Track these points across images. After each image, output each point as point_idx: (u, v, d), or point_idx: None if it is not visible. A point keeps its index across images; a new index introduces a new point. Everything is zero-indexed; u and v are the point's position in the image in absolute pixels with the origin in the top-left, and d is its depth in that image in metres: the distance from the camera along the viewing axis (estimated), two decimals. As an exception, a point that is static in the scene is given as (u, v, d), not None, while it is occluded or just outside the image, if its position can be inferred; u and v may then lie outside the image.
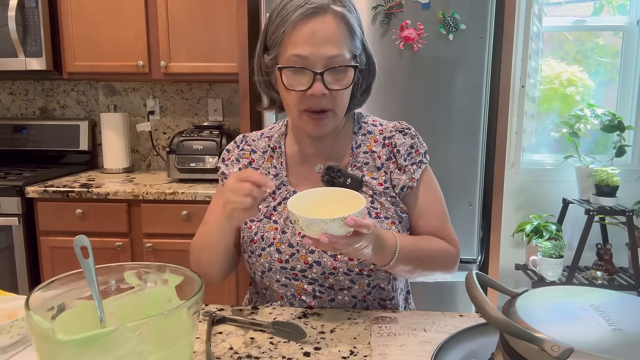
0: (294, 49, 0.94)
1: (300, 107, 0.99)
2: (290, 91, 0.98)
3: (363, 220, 0.81)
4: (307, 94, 0.96)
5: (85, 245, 0.70)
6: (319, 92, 0.95)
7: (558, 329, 0.57)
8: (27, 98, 2.84)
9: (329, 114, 0.99)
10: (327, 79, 0.95)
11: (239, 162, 1.13)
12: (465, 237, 1.98)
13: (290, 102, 1.00)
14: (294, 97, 0.98)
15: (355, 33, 0.99)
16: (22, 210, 2.18)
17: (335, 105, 0.99)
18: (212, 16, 2.34)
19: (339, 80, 0.97)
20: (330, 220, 0.79)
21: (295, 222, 0.83)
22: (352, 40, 0.98)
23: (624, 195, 2.60)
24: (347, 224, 0.79)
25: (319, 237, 0.80)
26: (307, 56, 0.94)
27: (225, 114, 2.77)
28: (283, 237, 1.04)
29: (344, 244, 0.82)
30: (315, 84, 0.95)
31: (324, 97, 0.96)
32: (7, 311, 0.87)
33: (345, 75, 0.97)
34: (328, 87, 0.95)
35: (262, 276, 1.06)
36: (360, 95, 1.09)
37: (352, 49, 0.98)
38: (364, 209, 0.83)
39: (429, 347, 0.84)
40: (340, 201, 0.88)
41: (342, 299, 1.05)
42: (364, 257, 0.90)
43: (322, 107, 0.97)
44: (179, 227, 2.17)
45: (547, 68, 2.84)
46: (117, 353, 0.58)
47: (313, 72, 0.94)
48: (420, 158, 1.08)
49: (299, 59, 0.94)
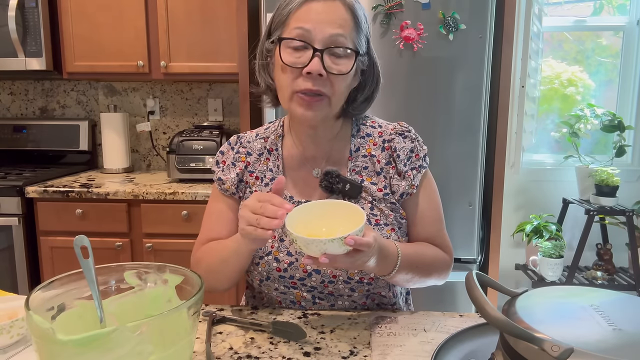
0: (297, 22, 0.93)
1: (294, 87, 0.94)
2: (286, 69, 0.94)
3: (364, 239, 0.79)
4: (304, 73, 0.92)
5: (85, 245, 0.70)
6: (316, 69, 0.91)
7: (558, 329, 0.57)
8: (27, 98, 2.84)
9: (323, 100, 0.95)
10: (327, 61, 0.92)
11: (234, 166, 1.09)
12: (465, 237, 1.98)
13: (284, 82, 0.96)
14: (289, 76, 0.94)
15: (361, 27, 0.97)
16: (22, 210, 2.18)
17: (331, 92, 0.94)
18: (212, 16, 2.34)
19: (338, 64, 0.94)
20: (329, 241, 0.77)
21: (294, 241, 0.80)
22: (357, 33, 0.96)
23: (624, 195, 2.59)
24: (347, 244, 0.77)
25: (319, 257, 0.78)
26: (309, 29, 0.92)
27: (225, 114, 2.77)
28: (281, 245, 1.02)
29: (344, 262, 0.81)
30: (313, 60, 0.91)
31: (321, 80, 0.93)
32: (7, 311, 0.87)
33: (345, 61, 0.94)
34: (326, 69, 0.92)
35: (260, 284, 1.05)
36: (361, 102, 1.06)
37: (356, 43, 0.96)
38: (363, 227, 0.80)
39: (429, 347, 0.84)
40: (339, 215, 0.85)
41: (342, 304, 1.04)
42: (366, 269, 0.89)
43: (318, 88, 0.93)
44: (179, 227, 2.17)
45: (547, 68, 2.84)
46: (117, 353, 0.58)
47: (313, 49, 0.92)
48: (420, 162, 1.06)
49: (301, 31, 0.92)
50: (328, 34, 0.92)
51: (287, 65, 0.94)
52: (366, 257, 0.83)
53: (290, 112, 1.00)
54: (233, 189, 1.08)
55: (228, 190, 1.08)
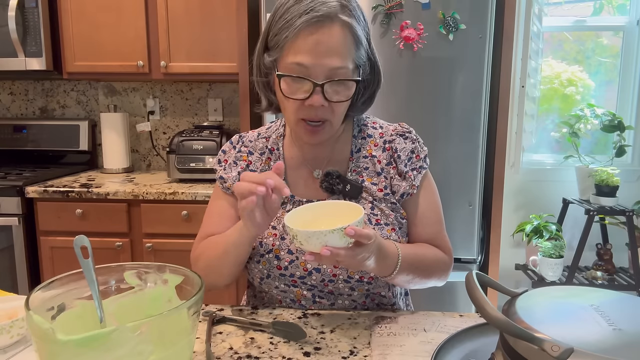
0: (296, 57, 0.91)
1: (297, 116, 0.96)
2: (289, 99, 0.95)
3: (364, 230, 0.79)
4: (306, 104, 0.94)
5: (85, 245, 0.70)
6: (318, 103, 0.92)
7: (558, 329, 0.57)
8: (27, 98, 2.84)
9: (325, 125, 0.97)
10: (327, 90, 0.93)
11: (236, 164, 1.10)
12: (465, 237, 1.98)
13: (287, 109, 0.98)
14: (292, 105, 0.96)
15: (361, 43, 0.96)
16: (22, 210, 2.18)
17: (332, 116, 0.96)
18: (212, 16, 2.34)
19: (339, 93, 0.94)
20: (329, 232, 0.77)
21: (294, 237, 0.80)
22: (357, 51, 0.95)
23: (624, 195, 2.60)
24: (347, 234, 0.77)
25: (320, 250, 0.78)
26: (308, 66, 0.91)
27: (225, 114, 2.77)
28: (282, 243, 1.02)
29: (345, 255, 0.80)
30: (314, 95, 0.92)
31: (322, 108, 0.94)
32: (7, 311, 0.87)
33: (346, 88, 0.95)
34: (327, 98, 0.93)
35: (260, 282, 1.05)
36: (361, 104, 1.06)
37: (356, 59, 0.96)
38: (363, 218, 0.80)
39: (429, 347, 0.84)
40: (339, 214, 0.86)
41: (342, 303, 1.04)
42: (367, 268, 0.88)
43: (320, 117, 0.95)
44: (179, 227, 2.17)
45: (547, 68, 2.84)
46: (117, 353, 0.58)
47: (313, 83, 0.92)
48: (421, 163, 1.06)
49: (300, 67, 0.91)
50: (328, 68, 0.91)
51: (288, 97, 0.95)
52: (367, 252, 0.82)
53: (295, 134, 1.03)
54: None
55: (230, 188, 1.08)
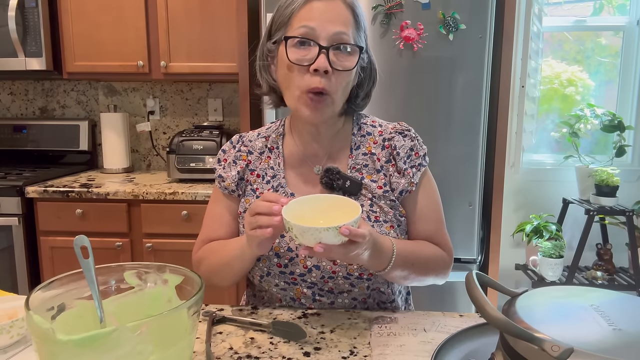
0: (301, 21, 0.96)
1: (301, 87, 0.96)
2: (293, 67, 0.96)
3: (358, 230, 0.80)
4: (311, 70, 0.95)
5: (85, 245, 0.70)
6: (323, 66, 0.94)
7: (558, 329, 0.57)
8: (27, 98, 2.84)
9: (327, 99, 0.97)
10: (332, 58, 0.95)
11: (236, 164, 1.11)
12: (465, 237, 1.98)
13: (291, 81, 0.98)
14: (296, 75, 0.97)
15: (361, 25, 1.00)
16: (22, 210, 2.18)
17: (334, 90, 0.97)
18: (212, 16, 2.34)
19: (343, 62, 0.97)
20: (324, 229, 0.78)
21: (290, 229, 0.82)
22: (357, 31, 0.99)
23: (624, 195, 2.60)
24: (342, 233, 0.78)
25: (314, 246, 0.79)
26: (314, 27, 0.95)
27: (225, 114, 2.77)
28: (282, 241, 1.02)
29: (338, 253, 0.82)
30: (319, 57, 0.94)
31: (326, 77, 0.95)
32: (7, 311, 0.87)
33: (349, 58, 0.97)
34: (332, 65, 0.95)
35: (260, 280, 1.06)
36: (362, 99, 1.09)
37: (357, 40, 0.99)
38: (359, 218, 0.81)
39: (429, 347, 0.84)
40: (337, 209, 0.86)
41: (341, 302, 1.04)
42: (360, 262, 0.90)
43: (323, 86, 0.95)
44: (179, 227, 2.17)
45: (547, 68, 2.84)
46: (117, 353, 0.58)
47: (319, 46, 0.94)
48: (420, 161, 1.07)
49: (306, 29, 0.95)
50: (332, 32, 0.95)
51: (294, 63, 0.96)
52: (360, 249, 0.84)
53: (296, 112, 1.02)
54: (233, 187, 1.09)
55: (228, 188, 1.09)
